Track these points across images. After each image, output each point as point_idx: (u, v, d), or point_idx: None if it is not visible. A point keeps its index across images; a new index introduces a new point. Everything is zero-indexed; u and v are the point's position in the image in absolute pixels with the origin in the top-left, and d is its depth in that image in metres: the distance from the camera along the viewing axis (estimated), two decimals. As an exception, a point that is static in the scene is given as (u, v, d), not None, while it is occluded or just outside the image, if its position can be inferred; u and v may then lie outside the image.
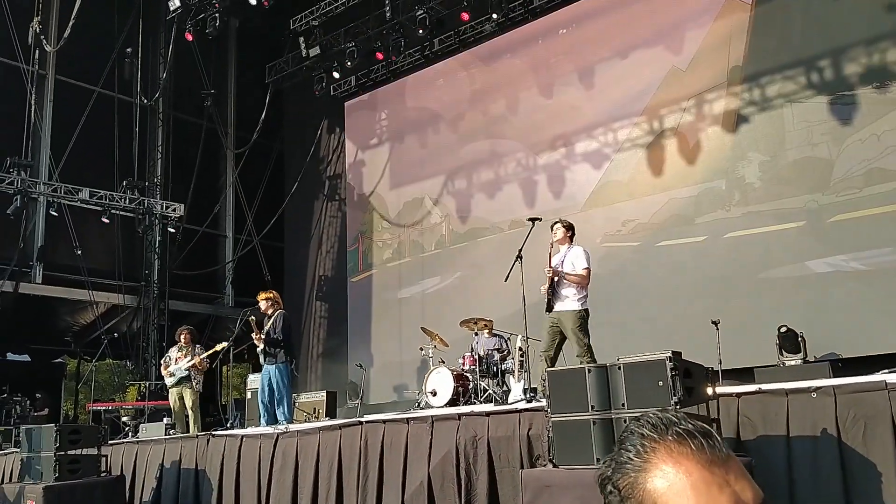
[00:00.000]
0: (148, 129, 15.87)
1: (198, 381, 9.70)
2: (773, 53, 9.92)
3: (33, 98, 13.74)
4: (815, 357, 8.03)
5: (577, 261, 6.84)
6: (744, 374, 7.34)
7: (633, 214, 10.85)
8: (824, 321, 8.77)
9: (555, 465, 4.62)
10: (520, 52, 12.82)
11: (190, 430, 9.35)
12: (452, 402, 7.76)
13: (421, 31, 12.70)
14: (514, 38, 12.90)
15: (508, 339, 8.51)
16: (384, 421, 6.56)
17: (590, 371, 4.54)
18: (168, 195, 15.48)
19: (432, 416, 6.21)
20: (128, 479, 8.21)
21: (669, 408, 3.94)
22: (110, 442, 8.54)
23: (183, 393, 9.62)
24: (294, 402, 9.41)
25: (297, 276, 15.85)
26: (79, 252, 13.82)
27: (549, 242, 7.00)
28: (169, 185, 15.77)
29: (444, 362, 8.44)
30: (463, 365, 8.29)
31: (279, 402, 8.30)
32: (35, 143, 13.81)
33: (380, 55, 13.85)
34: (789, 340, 8.03)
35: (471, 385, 8.00)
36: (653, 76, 10.91)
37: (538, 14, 12.54)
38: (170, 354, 9.93)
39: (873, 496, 4.16)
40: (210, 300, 16.92)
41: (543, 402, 5.17)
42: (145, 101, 15.18)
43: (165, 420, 10.12)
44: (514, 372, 7.60)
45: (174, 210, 14.86)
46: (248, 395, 10.65)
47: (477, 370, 8.03)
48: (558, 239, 6.99)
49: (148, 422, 10.46)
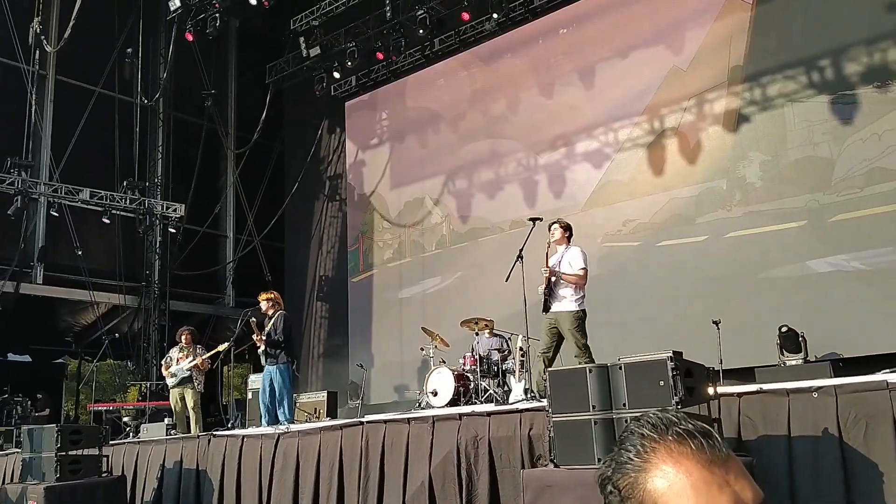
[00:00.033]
0: (148, 130, 15.88)
1: (199, 381, 9.70)
2: (773, 53, 9.92)
3: (34, 98, 13.74)
4: (815, 357, 8.02)
5: (575, 261, 6.85)
6: (744, 374, 7.33)
7: (634, 214, 10.84)
8: (825, 321, 8.77)
9: (556, 465, 4.62)
10: (520, 52, 12.82)
11: (191, 430, 9.35)
12: (453, 402, 7.75)
13: (421, 31, 12.70)
14: (514, 38, 12.89)
15: (509, 339, 8.50)
16: (385, 421, 6.56)
17: (591, 371, 4.54)
18: (169, 195, 15.49)
19: (433, 417, 6.21)
20: (129, 480, 8.22)
21: (670, 408, 3.94)
22: (111, 442, 8.53)
23: (184, 393, 9.63)
24: (295, 403, 9.41)
25: (297, 277, 15.85)
26: (79, 252, 13.83)
27: (547, 243, 7.01)
28: (169, 186, 15.78)
29: (444, 362, 8.44)
30: (464, 365, 8.29)
31: (280, 403, 8.31)
32: (35, 144, 13.81)
33: (380, 55, 13.85)
34: (790, 340, 8.02)
35: (472, 385, 8.00)
36: (653, 76, 10.91)
37: (539, 14, 12.53)
38: (171, 355, 9.92)
39: (875, 496, 4.15)
40: (211, 300, 16.93)
41: (544, 402, 5.16)
42: (146, 101, 15.17)
43: (166, 420, 10.12)
44: (514, 372, 7.60)
45: (175, 210, 14.86)
46: (249, 396, 10.65)
47: (478, 370, 8.04)
48: (556, 239, 7.01)
49: (149, 422, 10.46)
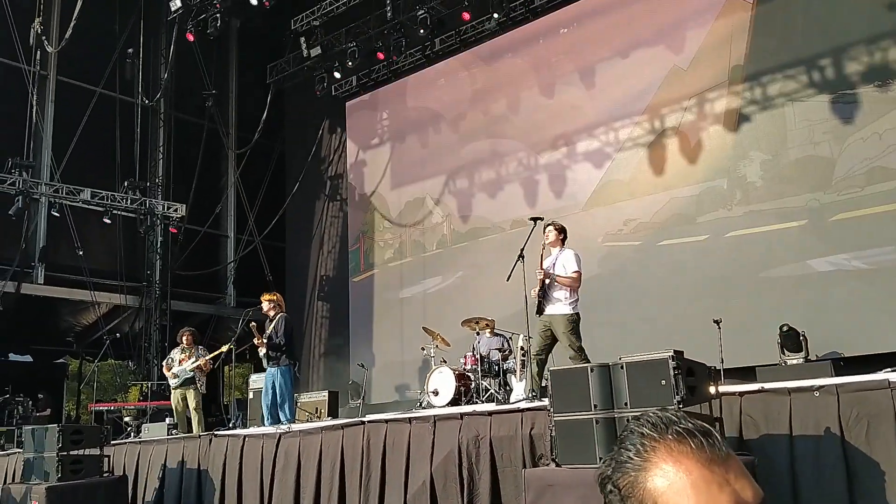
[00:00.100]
0: (149, 130, 15.89)
1: (201, 382, 9.72)
2: (774, 52, 9.91)
3: (35, 99, 13.75)
4: (816, 356, 8.02)
5: (568, 263, 6.84)
6: (746, 374, 7.34)
7: (635, 214, 10.84)
8: (826, 320, 8.76)
9: (557, 465, 4.62)
10: (521, 52, 12.81)
11: (194, 430, 9.35)
12: (454, 401, 7.76)
13: (422, 31, 12.70)
14: (515, 38, 12.89)
15: (510, 338, 8.50)
16: (386, 420, 6.56)
17: (592, 370, 4.54)
18: (169, 195, 15.50)
19: (434, 416, 6.21)
20: (130, 480, 8.22)
21: (670, 407, 3.94)
22: (113, 442, 8.54)
23: (186, 394, 9.63)
24: (296, 402, 9.43)
25: (298, 276, 15.86)
26: (80, 252, 13.82)
27: (542, 245, 7.00)
28: (170, 186, 15.79)
29: (445, 362, 8.44)
30: (465, 364, 8.29)
31: (281, 406, 8.33)
32: (36, 144, 13.83)
33: (381, 55, 13.86)
34: (791, 339, 8.02)
35: (473, 385, 8.00)
36: (654, 75, 10.91)
37: (539, 13, 12.53)
38: (172, 356, 9.93)
39: (877, 495, 4.15)
40: (212, 300, 16.93)
41: (545, 402, 5.17)
42: (147, 101, 15.18)
43: (168, 420, 10.13)
44: (515, 371, 7.60)
45: (176, 210, 14.87)
46: (250, 395, 10.67)
47: (479, 370, 8.04)
48: (550, 241, 6.99)
49: (150, 422, 10.47)
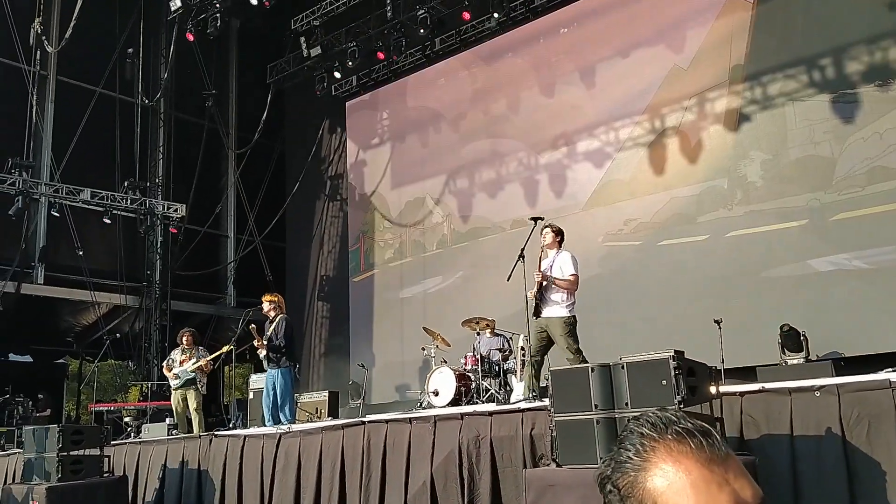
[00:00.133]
0: (149, 130, 15.89)
1: (202, 383, 9.73)
2: (774, 52, 9.91)
3: (35, 99, 13.75)
4: (817, 356, 8.02)
5: (566, 266, 6.83)
6: (746, 374, 7.33)
7: (635, 213, 10.83)
8: (826, 320, 8.75)
9: (558, 465, 4.62)
10: (521, 52, 12.81)
11: (194, 431, 9.35)
12: (455, 401, 7.76)
13: (422, 31, 12.70)
14: (515, 38, 12.89)
15: (510, 338, 8.49)
16: (387, 421, 6.56)
17: (593, 370, 4.53)
18: (169, 195, 15.50)
19: (435, 416, 6.20)
20: (130, 480, 8.22)
21: (671, 407, 3.94)
22: (113, 442, 8.54)
23: (187, 395, 9.63)
24: (296, 402, 9.42)
25: (298, 276, 15.86)
26: (80, 253, 13.82)
27: (540, 247, 6.99)
28: (170, 186, 15.79)
29: (446, 362, 8.44)
30: (465, 365, 8.29)
31: (282, 407, 8.34)
32: (36, 144, 13.82)
33: (381, 55, 13.85)
34: (791, 339, 8.02)
35: (473, 385, 8.00)
36: (654, 75, 10.90)
37: (539, 13, 12.52)
38: (172, 357, 9.93)
39: (877, 495, 4.14)
40: (212, 300, 16.93)
41: (546, 402, 5.16)
42: (147, 101, 15.17)
43: (168, 420, 10.13)
44: (516, 371, 7.60)
45: (176, 210, 14.87)
46: (251, 396, 10.66)
47: (479, 370, 8.04)
48: (547, 243, 6.98)
49: (150, 422, 10.47)
